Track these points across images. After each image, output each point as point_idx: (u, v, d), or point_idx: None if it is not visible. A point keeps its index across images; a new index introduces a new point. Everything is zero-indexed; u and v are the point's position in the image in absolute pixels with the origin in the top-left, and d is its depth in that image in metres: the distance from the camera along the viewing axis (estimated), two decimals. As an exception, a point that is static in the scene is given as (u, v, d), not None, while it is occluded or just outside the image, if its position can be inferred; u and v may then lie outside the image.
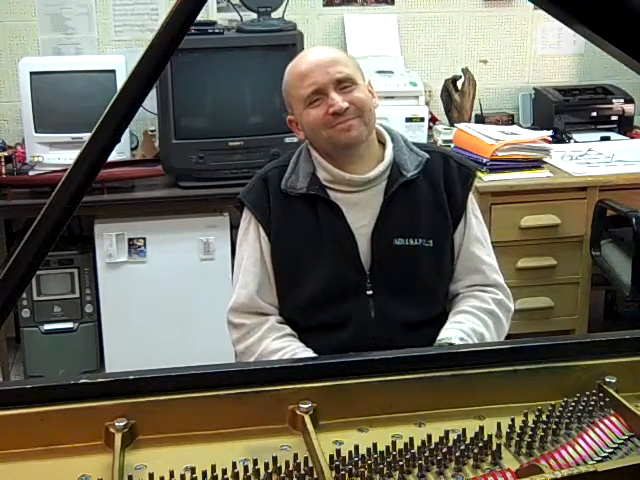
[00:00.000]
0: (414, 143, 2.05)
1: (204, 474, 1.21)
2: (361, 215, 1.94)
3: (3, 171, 3.26)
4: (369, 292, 1.93)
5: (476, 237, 2.01)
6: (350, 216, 1.93)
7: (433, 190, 1.96)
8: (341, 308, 1.92)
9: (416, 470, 1.23)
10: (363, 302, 1.92)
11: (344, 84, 1.89)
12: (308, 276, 1.94)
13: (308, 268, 1.94)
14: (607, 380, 1.42)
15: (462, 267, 2.01)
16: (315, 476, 1.20)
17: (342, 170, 1.94)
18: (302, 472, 1.20)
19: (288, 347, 1.89)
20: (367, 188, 1.95)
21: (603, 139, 3.88)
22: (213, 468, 1.21)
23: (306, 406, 1.35)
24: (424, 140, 3.51)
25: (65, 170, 1.04)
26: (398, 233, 1.93)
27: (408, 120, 3.52)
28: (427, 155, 1.98)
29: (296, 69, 1.92)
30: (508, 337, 2.07)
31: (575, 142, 3.81)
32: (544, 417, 1.34)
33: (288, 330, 1.95)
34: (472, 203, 2.03)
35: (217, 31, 3.27)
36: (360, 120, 1.89)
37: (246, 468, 1.22)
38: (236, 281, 2.00)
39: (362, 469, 1.22)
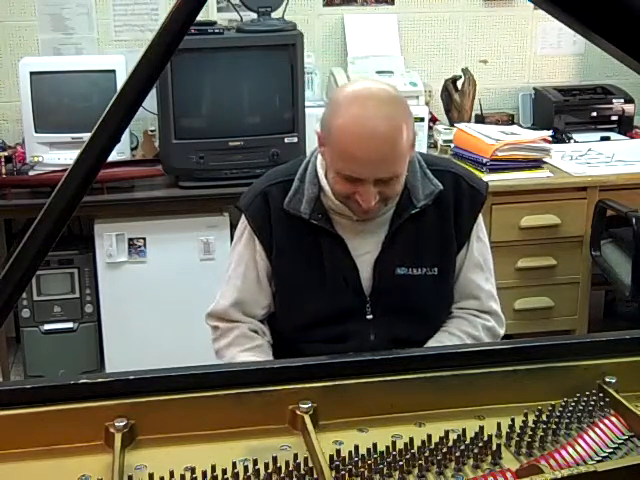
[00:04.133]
0: (426, 160, 1.93)
1: (204, 474, 1.21)
2: (365, 242, 1.89)
3: (3, 171, 3.26)
4: (369, 317, 1.90)
5: (476, 263, 1.96)
6: (353, 243, 1.88)
7: (442, 217, 1.90)
8: (340, 330, 1.90)
9: (416, 470, 1.23)
10: (362, 326, 1.90)
11: (386, 179, 1.75)
12: (308, 299, 1.91)
13: (308, 292, 1.90)
14: (607, 380, 1.43)
15: (458, 292, 1.97)
16: (315, 476, 1.21)
17: None
18: (302, 472, 1.21)
19: None
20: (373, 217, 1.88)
21: (603, 139, 3.88)
22: (213, 468, 1.21)
23: (306, 406, 1.35)
24: (424, 141, 3.52)
25: (65, 170, 1.04)
26: (401, 262, 1.88)
27: (408, 120, 3.51)
28: (440, 186, 1.88)
29: (345, 141, 1.71)
30: (508, 337, 2.07)
31: (575, 142, 3.81)
32: (544, 417, 1.34)
33: (258, 341, 1.92)
34: (478, 226, 1.96)
35: (217, 31, 3.27)
36: (383, 203, 1.80)
37: (246, 468, 1.22)
38: (222, 286, 1.99)
39: (362, 469, 1.22)
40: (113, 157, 2.64)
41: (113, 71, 3.27)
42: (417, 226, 1.89)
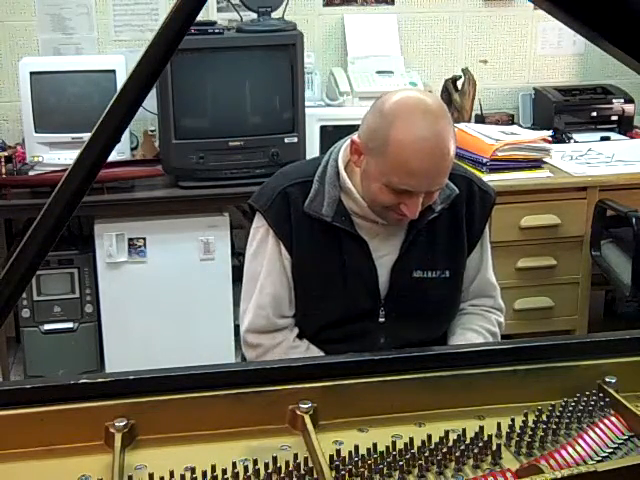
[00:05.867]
0: None
1: (204, 474, 1.21)
2: (384, 245, 1.89)
3: (3, 171, 3.26)
4: (381, 319, 1.90)
5: (490, 264, 2.01)
6: (373, 245, 1.88)
7: (454, 220, 1.92)
8: (350, 331, 1.90)
9: (416, 470, 1.24)
10: (374, 328, 1.90)
11: (433, 191, 1.78)
12: (324, 301, 1.90)
13: (326, 294, 1.90)
14: (607, 380, 1.43)
15: (475, 291, 2.00)
16: (315, 476, 1.21)
17: None
18: (302, 472, 1.21)
19: (302, 346, 1.91)
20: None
21: (603, 139, 3.88)
22: (213, 468, 1.21)
23: (306, 406, 1.35)
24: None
25: (65, 170, 1.04)
26: (418, 266, 1.89)
27: (408, 120, 3.51)
28: (457, 190, 1.89)
29: (406, 156, 1.69)
30: (508, 337, 2.08)
31: (575, 142, 3.81)
32: (544, 417, 1.34)
33: (304, 346, 1.93)
34: (487, 229, 1.99)
35: (217, 31, 3.27)
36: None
37: (246, 468, 1.22)
38: (250, 296, 1.93)
39: (362, 469, 1.22)
40: (113, 157, 2.65)
41: (113, 71, 3.27)
42: (432, 229, 1.90)
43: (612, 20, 0.79)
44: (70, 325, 3.45)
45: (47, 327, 3.43)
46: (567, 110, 3.90)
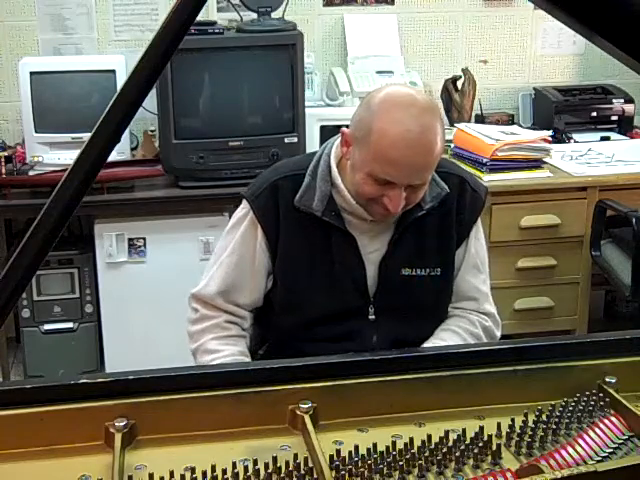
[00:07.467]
0: None
1: (204, 474, 1.21)
2: (373, 242, 1.89)
3: (3, 171, 3.26)
4: (371, 317, 1.90)
5: (474, 264, 1.97)
6: (362, 241, 1.88)
7: (444, 218, 1.91)
8: (342, 330, 1.90)
9: (416, 470, 1.24)
10: (365, 327, 1.90)
11: (415, 185, 1.76)
12: (313, 297, 1.90)
13: (314, 289, 1.89)
14: (607, 380, 1.43)
15: (455, 293, 1.98)
16: (315, 476, 1.21)
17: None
18: (302, 472, 1.21)
19: (221, 352, 1.86)
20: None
21: (603, 139, 3.88)
22: (213, 468, 1.21)
23: (306, 406, 1.35)
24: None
25: (65, 170, 1.04)
26: (406, 263, 1.89)
27: (408, 120, 3.51)
28: (447, 189, 1.89)
29: (386, 145, 1.69)
30: (508, 337, 2.07)
31: (575, 142, 3.81)
32: (544, 417, 1.34)
33: (233, 331, 1.92)
34: (477, 228, 1.97)
35: (217, 31, 3.27)
36: (403, 209, 1.80)
37: (246, 468, 1.22)
38: (210, 268, 1.95)
39: (362, 469, 1.22)
40: (113, 157, 2.63)
41: (113, 71, 3.27)
42: (421, 227, 1.89)
43: (612, 20, 0.79)
44: (70, 325, 3.45)
45: (47, 327, 3.43)
46: (567, 110, 3.90)
